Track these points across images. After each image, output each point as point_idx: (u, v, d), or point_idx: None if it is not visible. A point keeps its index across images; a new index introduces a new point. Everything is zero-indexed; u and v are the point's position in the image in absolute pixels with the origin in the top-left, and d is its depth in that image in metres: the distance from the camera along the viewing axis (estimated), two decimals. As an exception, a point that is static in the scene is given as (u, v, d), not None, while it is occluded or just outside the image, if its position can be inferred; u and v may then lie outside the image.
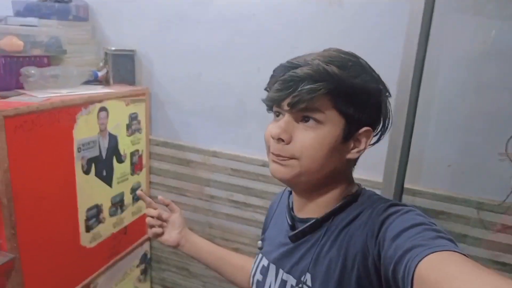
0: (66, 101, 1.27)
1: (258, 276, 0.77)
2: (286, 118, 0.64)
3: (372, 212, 0.61)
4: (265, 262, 0.77)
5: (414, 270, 0.45)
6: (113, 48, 1.60)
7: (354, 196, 0.68)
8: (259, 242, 0.83)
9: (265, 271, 0.76)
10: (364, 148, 0.67)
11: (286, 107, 0.63)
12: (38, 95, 1.29)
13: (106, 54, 1.60)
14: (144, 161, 1.74)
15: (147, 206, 0.96)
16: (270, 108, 0.69)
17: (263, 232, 0.89)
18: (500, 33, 1.21)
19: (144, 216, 1.01)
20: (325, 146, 0.62)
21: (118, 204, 1.60)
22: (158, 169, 1.78)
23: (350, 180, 0.71)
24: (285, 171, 0.65)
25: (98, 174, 1.45)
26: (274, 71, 0.67)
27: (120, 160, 1.57)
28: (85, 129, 1.36)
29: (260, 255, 0.80)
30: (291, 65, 0.63)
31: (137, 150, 1.67)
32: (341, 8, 1.37)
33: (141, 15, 1.67)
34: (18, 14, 1.63)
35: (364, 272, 0.58)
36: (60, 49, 1.49)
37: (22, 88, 1.37)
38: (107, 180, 1.51)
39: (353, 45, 0.74)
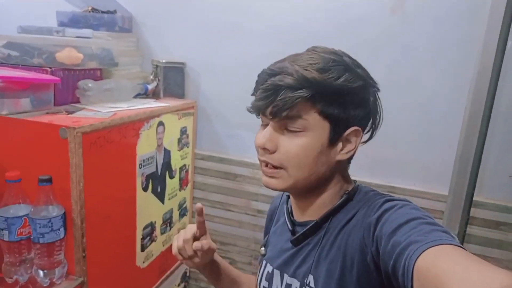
0: (132, 115, 1.22)
1: (264, 283, 0.77)
2: (270, 126, 0.65)
3: (368, 209, 0.62)
4: (269, 268, 0.77)
5: (413, 268, 0.45)
6: (164, 61, 1.56)
7: (350, 195, 0.68)
8: (262, 248, 0.83)
9: (270, 277, 0.76)
10: (355, 148, 0.66)
11: (269, 116, 0.64)
12: (100, 109, 1.23)
13: (156, 66, 1.56)
14: (189, 175, 1.69)
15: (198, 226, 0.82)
16: (257, 116, 0.69)
17: (265, 237, 0.88)
18: None
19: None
20: (311, 152, 0.62)
21: (168, 221, 1.54)
22: (201, 183, 1.74)
23: (345, 179, 0.71)
24: (277, 183, 0.66)
25: (154, 191, 1.40)
26: (258, 76, 0.67)
27: (172, 176, 1.52)
28: (146, 145, 1.31)
29: (264, 262, 0.80)
30: (271, 72, 0.63)
31: (185, 165, 1.63)
32: (405, 15, 1.36)
33: (186, 26, 1.64)
34: (62, 24, 1.58)
35: (364, 269, 0.58)
36: (112, 62, 1.44)
37: (78, 102, 1.32)
38: (161, 196, 1.46)
39: (418, 54, 0.73)
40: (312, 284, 0.65)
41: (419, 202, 1.43)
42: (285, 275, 0.72)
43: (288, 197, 0.80)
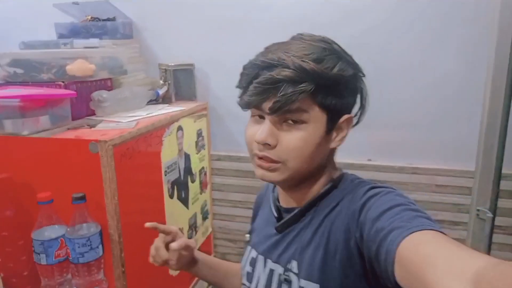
0: (155, 123, 1.19)
1: (248, 268, 0.77)
2: (269, 121, 0.62)
3: (353, 196, 0.62)
4: (254, 254, 0.77)
5: (395, 253, 0.46)
6: (172, 64, 1.52)
7: (336, 182, 0.68)
8: (247, 235, 0.84)
9: (254, 263, 0.76)
10: (346, 135, 0.67)
11: (267, 111, 0.61)
12: (120, 120, 1.20)
13: (165, 70, 1.52)
14: (207, 177, 1.66)
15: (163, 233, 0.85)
16: (245, 109, 0.67)
17: (252, 224, 0.88)
18: None
19: (211, 236, 0.96)
20: (311, 144, 0.62)
21: (193, 226, 1.52)
22: (220, 184, 1.71)
23: (333, 167, 0.71)
24: (274, 176, 0.64)
25: (179, 197, 1.38)
26: (245, 68, 0.65)
27: (193, 180, 1.50)
28: (169, 151, 1.28)
29: (249, 248, 0.80)
30: (264, 64, 0.61)
31: (203, 167, 1.60)
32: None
33: (188, 26, 1.61)
34: (61, 37, 1.53)
35: (347, 255, 0.59)
36: (121, 70, 1.40)
37: (93, 114, 1.28)
38: (185, 202, 1.44)
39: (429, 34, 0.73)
40: (295, 270, 0.65)
41: (444, 180, 1.44)
42: (269, 261, 0.72)
43: (275, 185, 0.78)
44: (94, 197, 0.99)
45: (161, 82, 1.52)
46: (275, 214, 0.74)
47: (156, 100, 1.52)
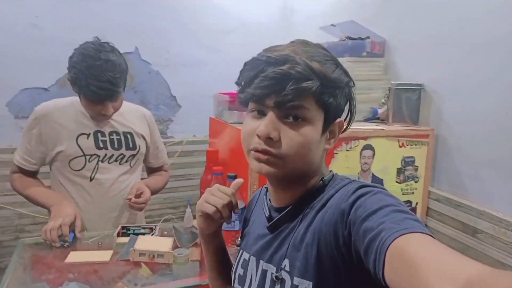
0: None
1: (239, 271, 0.77)
2: (271, 115, 0.63)
3: (343, 194, 0.62)
4: (246, 256, 0.76)
5: (384, 255, 0.46)
6: (395, 82, 1.42)
7: (325, 181, 0.69)
8: (238, 239, 0.83)
9: (245, 265, 0.75)
10: (336, 138, 0.69)
11: (270, 105, 0.62)
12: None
13: (389, 89, 1.44)
14: (418, 216, 1.43)
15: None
16: (244, 104, 0.68)
17: (242, 230, 0.86)
18: None
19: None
20: (310, 142, 0.63)
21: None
22: (434, 230, 1.42)
23: (325, 168, 0.72)
24: (271, 169, 0.64)
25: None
26: (247, 64, 0.66)
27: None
28: (342, 166, 1.25)
29: (241, 251, 0.79)
30: (274, 61, 0.62)
31: (409, 201, 1.40)
32: None
33: (436, 47, 1.42)
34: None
35: (338, 254, 0.58)
36: (342, 84, 1.47)
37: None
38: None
39: None
40: (287, 268, 0.65)
41: None
42: (261, 261, 0.72)
43: (267, 190, 0.78)
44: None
45: (383, 101, 1.45)
46: (266, 214, 0.75)
47: (375, 118, 1.47)
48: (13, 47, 1.83)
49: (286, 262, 0.66)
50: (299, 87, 0.60)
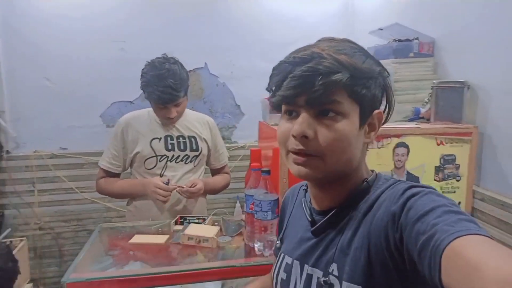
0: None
1: (282, 275, 0.75)
2: (305, 114, 0.62)
3: (391, 195, 0.60)
4: (288, 260, 0.75)
5: (440, 259, 0.44)
6: (439, 81, 1.41)
7: (370, 181, 0.66)
8: (277, 242, 0.82)
9: (289, 269, 0.74)
10: (377, 131, 0.67)
11: (302, 103, 0.61)
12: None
13: (432, 88, 1.44)
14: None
15: None
16: (277, 108, 0.67)
17: (280, 233, 0.85)
18: None
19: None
20: (348, 136, 0.61)
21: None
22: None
23: (366, 168, 0.69)
24: (310, 172, 0.63)
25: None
26: (275, 69, 0.65)
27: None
28: (375, 162, 1.29)
29: (282, 254, 0.78)
30: (301, 60, 0.60)
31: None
32: None
33: (485, 46, 1.38)
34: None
35: (389, 257, 0.56)
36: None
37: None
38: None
39: None
40: (335, 273, 0.63)
41: None
42: (306, 266, 0.70)
43: (306, 190, 0.77)
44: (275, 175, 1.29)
45: (426, 100, 1.45)
46: (309, 218, 0.73)
47: (418, 118, 1.48)
48: (106, 69, 2.22)
49: (334, 267, 0.64)
50: (328, 81, 0.58)
